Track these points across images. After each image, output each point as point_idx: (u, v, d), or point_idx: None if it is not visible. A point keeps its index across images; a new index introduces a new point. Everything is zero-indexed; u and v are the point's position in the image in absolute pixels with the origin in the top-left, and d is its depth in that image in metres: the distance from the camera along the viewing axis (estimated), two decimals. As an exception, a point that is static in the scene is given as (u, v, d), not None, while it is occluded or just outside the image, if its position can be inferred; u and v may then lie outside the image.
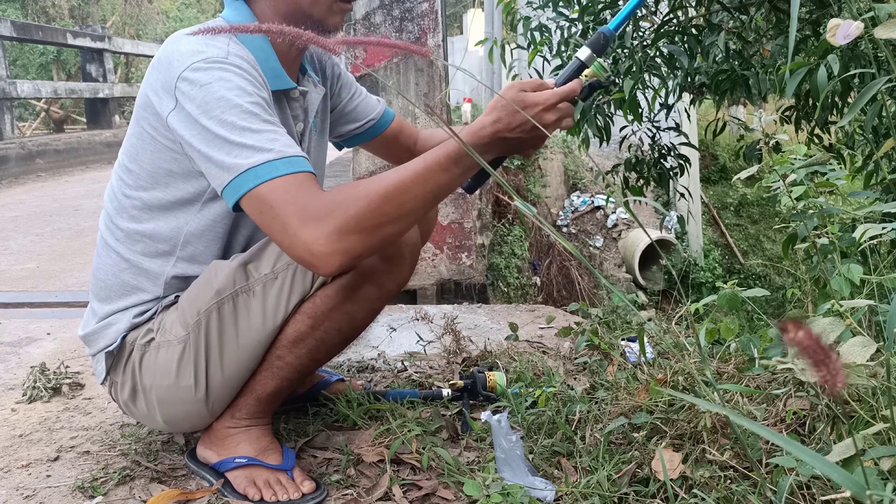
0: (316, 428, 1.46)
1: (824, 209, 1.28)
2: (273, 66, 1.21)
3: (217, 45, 1.12)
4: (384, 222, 1.04)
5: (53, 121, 12.31)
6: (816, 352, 0.45)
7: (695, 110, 5.35)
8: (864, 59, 1.45)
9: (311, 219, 1.00)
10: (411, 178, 1.06)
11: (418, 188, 1.06)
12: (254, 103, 1.08)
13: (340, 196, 1.02)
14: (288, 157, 1.04)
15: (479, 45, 2.65)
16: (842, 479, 0.54)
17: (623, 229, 7.13)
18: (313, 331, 1.22)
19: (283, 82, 1.23)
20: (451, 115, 5.61)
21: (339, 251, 1.00)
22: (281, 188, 1.02)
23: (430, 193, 1.09)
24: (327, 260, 1.00)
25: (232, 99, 1.06)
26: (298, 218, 1.00)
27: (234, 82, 1.08)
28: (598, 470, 1.17)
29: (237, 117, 1.05)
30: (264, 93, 1.13)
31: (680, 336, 1.62)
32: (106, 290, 1.28)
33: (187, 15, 19.33)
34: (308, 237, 0.99)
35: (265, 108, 1.10)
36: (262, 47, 1.20)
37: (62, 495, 1.27)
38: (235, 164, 1.04)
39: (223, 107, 1.06)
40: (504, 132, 1.11)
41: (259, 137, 1.05)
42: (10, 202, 5.71)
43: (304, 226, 1.00)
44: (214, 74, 1.08)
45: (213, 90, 1.07)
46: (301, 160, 1.06)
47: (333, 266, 1.01)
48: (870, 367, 0.92)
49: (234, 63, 1.11)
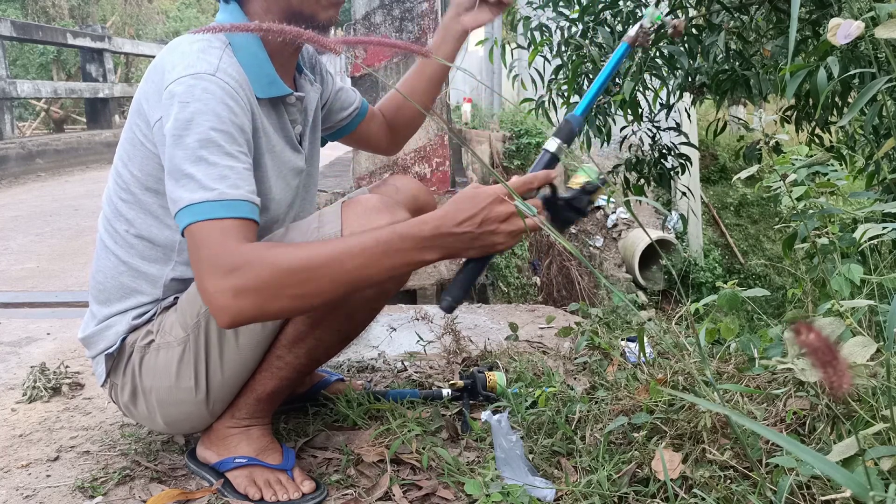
0: (316, 428, 1.46)
1: (825, 209, 1.28)
2: (268, 73, 1.20)
3: (209, 59, 1.11)
4: (282, 296, 1.01)
5: (53, 121, 12.31)
6: (825, 353, 0.45)
7: (695, 110, 5.35)
8: (865, 59, 1.45)
9: (217, 270, 1.00)
10: (326, 258, 1.01)
11: (331, 272, 1.01)
12: (222, 132, 1.07)
13: (253, 255, 1.00)
14: (227, 199, 1.04)
15: (480, 45, 2.65)
16: (843, 480, 0.54)
17: (623, 229, 7.13)
18: (312, 330, 1.22)
19: (278, 89, 1.22)
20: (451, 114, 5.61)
21: (230, 309, 1.00)
22: (206, 231, 1.02)
23: (343, 283, 1.03)
24: (220, 313, 1.01)
25: (201, 124, 1.06)
26: (208, 265, 1.00)
27: (210, 105, 1.07)
28: (598, 470, 1.17)
29: (198, 144, 1.05)
30: (243, 117, 1.11)
31: (680, 336, 1.62)
32: (105, 292, 1.28)
33: (187, 15, 19.33)
34: (210, 287, 1.00)
35: (233, 136, 1.08)
36: (256, 54, 1.19)
37: (62, 495, 1.27)
38: (180, 197, 1.05)
39: (191, 131, 1.06)
40: (448, 227, 1.02)
41: (210, 172, 1.04)
42: (10, 202, 5.72)
43: (210, 275, 1.00)
44: (196, 92, 1.07)
45: (189, 111, 1.06)
46: (240, 205, 1.05)
47: (224, 321, 1.01)
48: (870, 367, 0.92)
49: (221, 79, 1.09)
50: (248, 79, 1.15)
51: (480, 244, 1.05)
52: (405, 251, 1.03)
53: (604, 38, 2.03)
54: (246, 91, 1.14)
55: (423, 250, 1.03)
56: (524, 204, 0.98)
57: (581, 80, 2.23)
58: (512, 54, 2.58)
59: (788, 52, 1.18)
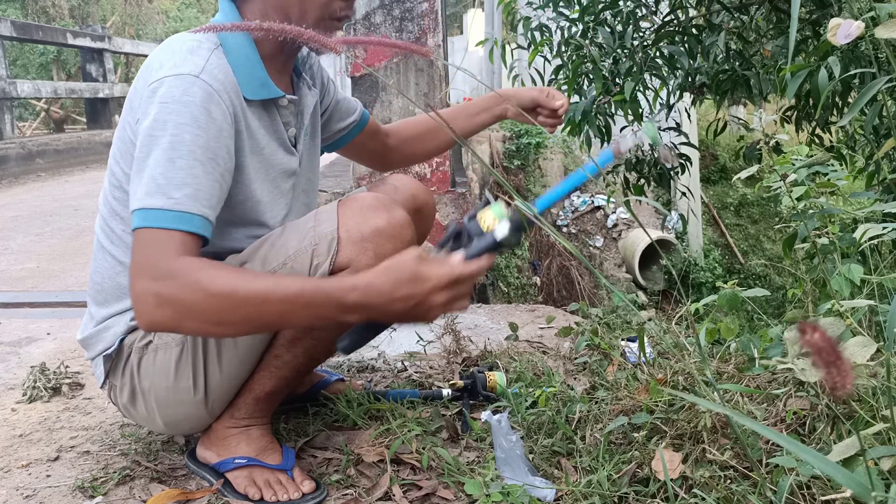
0: (316, 428, 1.46)
1: (825, 209, 1.28)
2: (259, 76, 1.20)
3: (195, 60, 1.11)
4: (199, 318, 1.01)
5: (53, 121, 12.31)
6: (828, 353, 0.45)
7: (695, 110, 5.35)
8: (865, 59, 1.45)
9: (147, 274, 1.01)
10: (250, 295, 1.00)
11: (249, 310, 1.01)
12: (196, 136, 1.07)
13: (184, 269, 1.01)
14: (182, 211, 1.05)
15: (480, 46, 2.65)
16: (844, 480, 0.54)
17: (623, 229, 7.13)
18: (310, 330, 1.22)
19: (269, 91, 1.22)
20: (451, 115, 5.59)
21: (149, 315, 1.01)
22: (151, 237, 1.03)
23: (261, 323, 1.03)
24: (139, 316, 1.02)
25: (177, 127, 1.06)
26: (141, 267, 1.02)
27: (189, 108, 1.07)
28: (598, 470, 1.17)
29: (170, 145, 1.06)
30: (222, 121, 1.11)
31: (680, 336, 1.62)
32: (103, 293, 1.27)
33: (187, 15, 19.33)
34: (137, 288, 1.01)
35: (206, 143, 1.08)
36: (247, 56, 1.19)
37: (62, 495, 1.27)
38: (139, 195, 1.06)
39: (165, 132, 1.06)
40: (375, 301, 1.01)
41: (173, 177, 1.05)
42: (10, 202, 5.71)
43: (140, 277, 1.01)
44: (176, 93, 1.07)
45: (166, 112, 1.07)
46: (193, 219, 1.05)
47: (142, 324, 1.03)
48: (870, 367, 0.92)
49: (205, 81, 1.10)
50: (236, 80, 1.16)
51: (410, 318, 1.05)
52: (327, 310, 1.02)
53: (604, 38, 2.03)
54: (230, 93, 1.14)
55: (346, 314, 1.02)
56: (525, 203, 0.98)
57: (581, 80, 2.24)
58: (512, 54, 2.58)
59: (788, 52, 1.18)
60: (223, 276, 1.02)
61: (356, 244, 1.18)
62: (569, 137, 6.64)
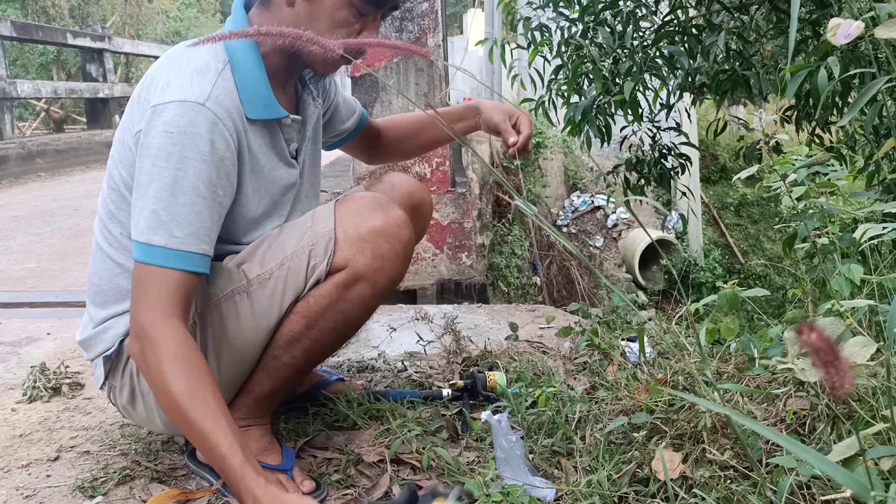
0: (316, 428, 1.46)
1: (825, 209, 1.28)
2: (262, 95, 1.19)
3: (202, 84, 1.11)
4: (151, 386, 1.10)
5: (53, 121, 12.30)
6: (827, 353, 0.45)
7: (695, 110, 5.35)
8: (865, 59, 1.45)
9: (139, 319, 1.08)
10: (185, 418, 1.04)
11: (179, 424, 1.06)
12: (200, 171, 1.09)
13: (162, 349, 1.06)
14: (183, 251, 1.09)
15: (480, 45, 2.65)
16: (845, 480, 0.54)
17: (623, 229, 7.13)
18: (308, 330, 1.22)
19: (272, 112, 1.21)
20: (451, 115, 5.59)
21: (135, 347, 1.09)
22: (152, 275, 1.09)
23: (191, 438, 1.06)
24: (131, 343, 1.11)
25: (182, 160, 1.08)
26: (145, 304, 1.09)
27: (194, 141, 1.08)
28: (598, 470, 1.17)
29: (173, 180, 1.08)
30: (225, 150, 1.13)
31: (680, 336, 1.62)
32: (102, 294, 1.27)
33: (187, 15, 19.33)
34: (141, 319, 1.08)
35: (210, 176, 1.10)
36: (253, 74, 1.18)
37: (62, 495, 1.27)
38: (139, 230, 1.09)
39: (170, 164, 1.08)
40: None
41: (177, 214, 1.08)
42: (10, 202, 5.71)
43: (136, 310, 1.09)
44: (182, 124, 1.08)
45: (171, 144, 1.08)
46: (193, 258, 1.10)
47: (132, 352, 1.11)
48: (870, 367, 0.92)
49: (210, 109, 1.10)
50: (240, 101, 1.16)
51: None
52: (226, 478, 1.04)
53: (604, 38, 2.03)
54: (234, 118, 1.14)
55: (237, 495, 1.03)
56: (525, 203, 0.98)
57: (581, 80, 2.23)
58: (512, 54, 2.58)
59: (788, 52, 1.18)
60: (181, 384, 1.05)
61: (353, 244, 1.19)
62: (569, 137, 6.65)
